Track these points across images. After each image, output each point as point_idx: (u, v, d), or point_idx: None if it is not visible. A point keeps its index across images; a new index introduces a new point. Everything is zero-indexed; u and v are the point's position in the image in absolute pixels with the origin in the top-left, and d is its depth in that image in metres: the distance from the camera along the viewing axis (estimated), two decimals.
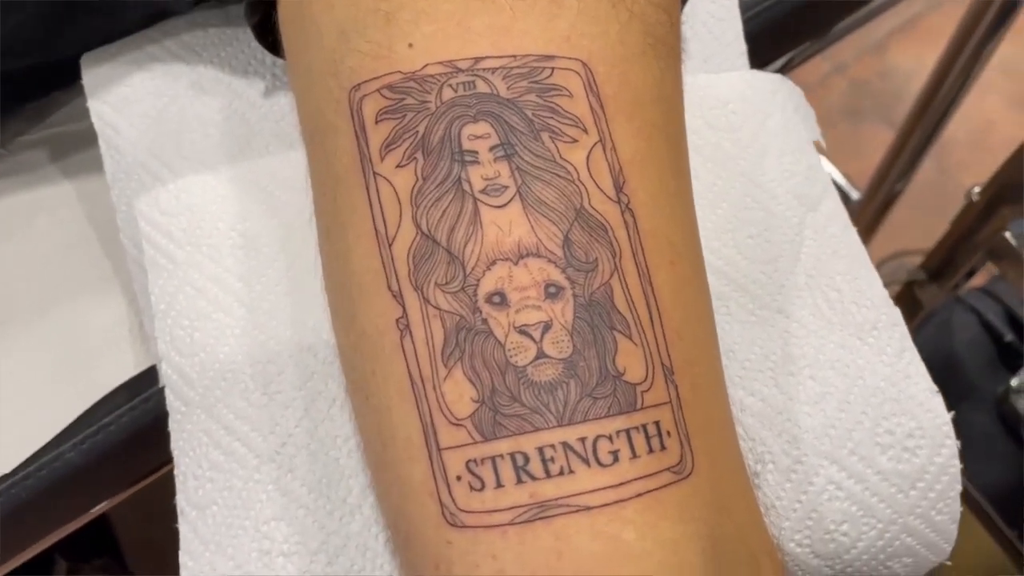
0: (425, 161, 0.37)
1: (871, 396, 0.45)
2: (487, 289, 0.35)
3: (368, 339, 0.37)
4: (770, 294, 0.48)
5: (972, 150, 1.91)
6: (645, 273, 0.36)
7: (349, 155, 0.38)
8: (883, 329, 0.47)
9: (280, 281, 0.47)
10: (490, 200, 0.36)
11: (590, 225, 0.36)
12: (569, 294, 0.35)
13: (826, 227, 0.49)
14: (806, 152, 0.51)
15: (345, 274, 0.38)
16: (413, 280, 0.36)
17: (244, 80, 0.51)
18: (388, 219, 0.37)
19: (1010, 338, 1.07)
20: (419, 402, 0.35)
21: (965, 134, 1.94)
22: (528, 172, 0.36)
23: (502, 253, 0.35)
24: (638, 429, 0.34)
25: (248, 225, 0.48)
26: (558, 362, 0.34)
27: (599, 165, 0.37)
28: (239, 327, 0.47)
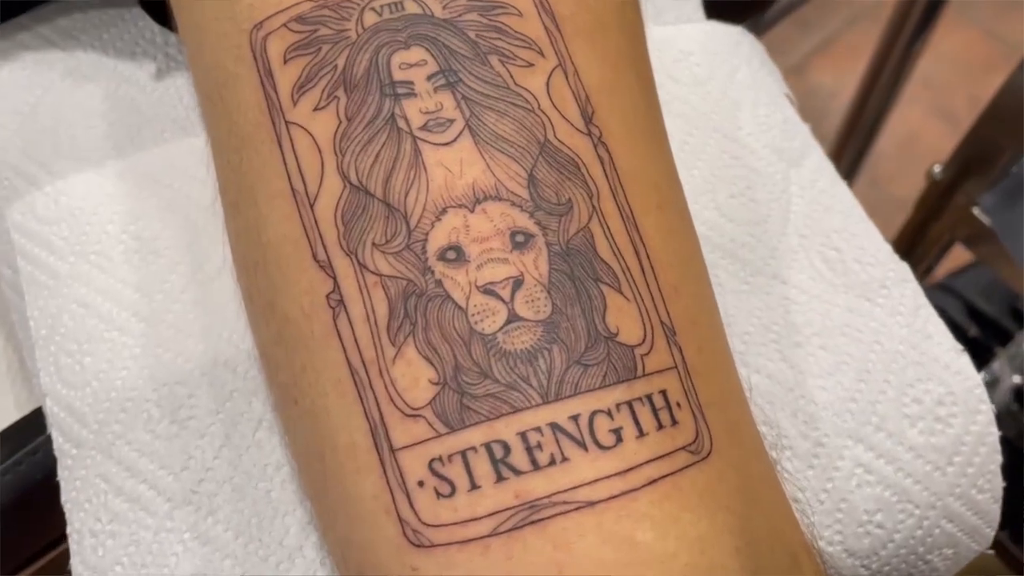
0: (349, 99, 0.30)
1: (891, 362, 0.39)
2: (439, 243, 0.28)
3: (293, 326, 0.30)
4: (762, 259, 0.41)
5: (901, 162, 1.92)
6: (630, 217, 0.30)
7: (255, 108, 0.31)
8: (893, 286, 0.41)
9: (186, 288, 0.39)
10: (433, 137, 0.29)
11: (558, 161, 0.29)
12: (541, 242, 0.28)
13: (814, 182, 0.44)
14: (780, 105, 0.46)
15: (258, 251, 0.31)
16: (344, 244, 0.29)
17: (132, 63, 0.44)
18: (307, 174, 0.29)
19: (974, 332, 1.04)
20: (363, 394, 0.28)
21: (892, 147, 1.95)
22: (477, 102, 0.29)
23: (453, 199, 0.28)
24: (642, 401, 0.27)
25: (143, 226, 0.40)
26: (535, 325, 0.27)
27: (562, 92, 0.30)
28: (138, 346, 0.38)
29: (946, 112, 1.93)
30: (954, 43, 1.85)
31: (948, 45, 1.93)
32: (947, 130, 1.99)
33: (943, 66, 1.90)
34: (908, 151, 1.96)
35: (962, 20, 1.90)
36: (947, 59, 1.85)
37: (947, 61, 1.86)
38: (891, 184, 1.88)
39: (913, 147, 1.97)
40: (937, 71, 1.99)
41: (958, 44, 1.82)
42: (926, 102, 1.99)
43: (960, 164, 0.73)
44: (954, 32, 1.82)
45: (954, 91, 1.86)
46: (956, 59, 1.82)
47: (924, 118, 2.01)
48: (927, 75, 2.02)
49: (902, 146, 1.98)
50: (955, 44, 1.84)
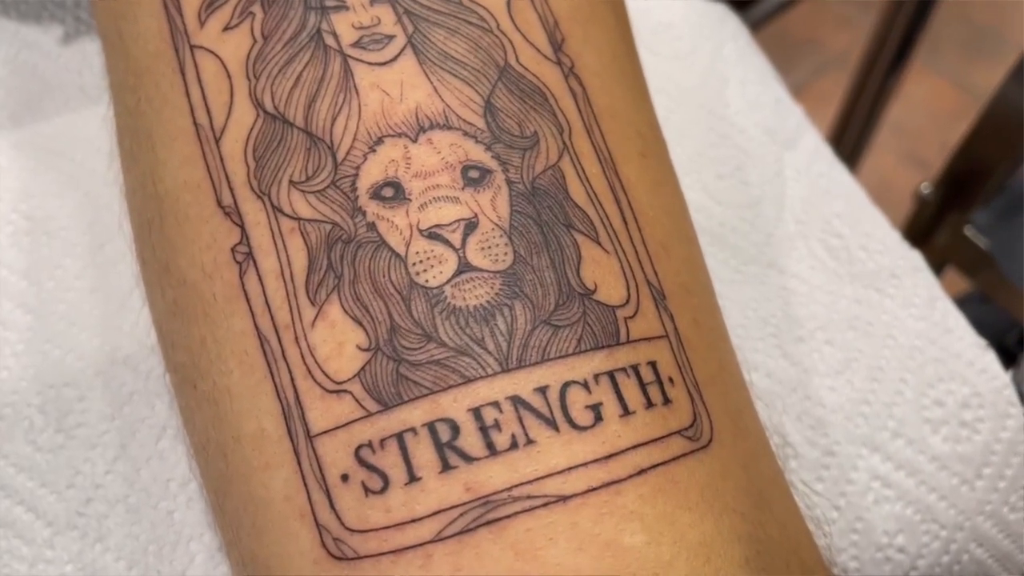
0: (267, 15, 0.24)
1: (907, 358, 0.34)
2: (372, 179, 0.22)
3: (191, 291, 0.24)
4: (756, 246, 0.36)
5: None
6: (609, 161, 0.24)
7: (155, 36, 0.26)
8: (904, 276, 0.36)
9: (83, 274, 0.33)
10: (368, 56, 0.24)
11: (521, 88, 0.24)
12: (500, 179, 0.23)
13: (810, 166, 0.39)
14: (771, 84, 0.41)
15: (154, 205, 0.25)
16: (255, 183, 0.23)
17: (36, 27, 0.38)
18: (213, 106, 0.24)
19: None
20: (274, 369, 0.22)
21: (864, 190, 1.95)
22: (423, 17, 0.24)
23: (392, 126, 0.23)
24: (627, 372, 0.22)
25: (36, 204, 0.34)
26: (493, 276, 0.22)
27: (526, 15, 0.25)
28: (22, 342, 0.32)
29: (917, 159, 1.92)
30: (923, 92, 1.85)
31: (918, 93, 1.94)
32: (919, 177, 1.98)
33: (913, 114, 1.91)
34: (881, 198, 1.95)
35: (930, 69, 1.90)
36: (917, 107, 1.86)
37: (917, 109, 1.86)
38: None
39: (886, 194, 1.95)
40: (908, 119, 2.00)
41: (927, 93, 1.83)
42: (897, 149, 1.99)
43: (950, 181, 0.69)
44: (923, 81, 1.83)
45: (925, 139, 1.86)
46: (926, 107, 1.82)
47: (896, 165, 2.01)
48: (898, 123, 2.03)
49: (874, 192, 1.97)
50: (924, 93, 1.84)
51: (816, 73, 2.15)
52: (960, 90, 1.90)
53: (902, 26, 0.80)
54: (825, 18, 1.76)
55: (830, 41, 1.90)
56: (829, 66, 2.14)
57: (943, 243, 0.71)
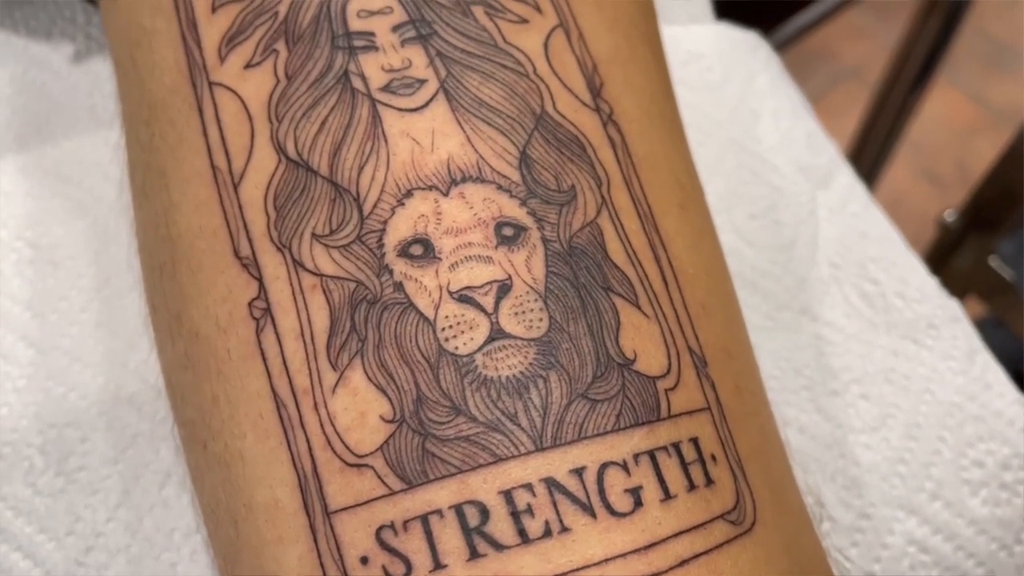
0: (291, 53, 0.23)
1: (946, 415, 0.32)
2: (400, 235, 0.21)
3: (204, 344, 0.22)
4: (788, 291, 0.35)
5: None
6: (648, 214, 0.23)
7: (172, 68, 0.24)
8: (943, 326, 0.34)
9: (88, 307, 0.32)
10: (398, 101, 0.22)
11: (559, 138, 0.23)
12: (536, 237, 0.21)
13: (844, 205, 0.37)
14: (803, 116, 0.40)
15: (166, 248, 0.24)
16: (275, 235, 0.22)
17: (46, 44, 0.37)
18: (232, 147, 0.23)
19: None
20: (290, 436, 0.20)
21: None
22: (456, 60, 0.23)
23: (422, 179, 0.22)
24: (667, 451, 0.20)
25: (42, 232, 0.33)
26: (527, 344, 0.20)
27: (564, 57, 0.24)
28: (24, 377, 0.31)
29: (932, 175, 1.91)
30: (940, 106, 1.83)
31: (934, 108, 1.92)
32: (933, 193, 1.97)
33: (929, 129, 1.89)
34: (894, 214, 1.93)
35: (946, 83, 1.89)
36: (934, 122, 1.84)
37: (933, 124, 1.84)
38: None
39: (900, 209, 1.94)
40: (923, 134, 1.98)
41: (944, 107, 1.81)
42: (912, 165, 1.98)
43: (975, 209, 0.68)
44: (939, 95, 1.81)
45: (941, 154, 1.84)
46: (943, 122, 1.80)
47: (910, 181, 1.99)
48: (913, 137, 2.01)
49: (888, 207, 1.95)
50: (941, 107, 1.83)
51: (830, 85, 2.13)
52: (977, 105, 1.88)
53: (926, 44, 0.79)
54: (839, 29, 1.74)
55: (844, 52, 1.88)
56: (843, 78, 2.12)
57: (964, 269, 0.70)
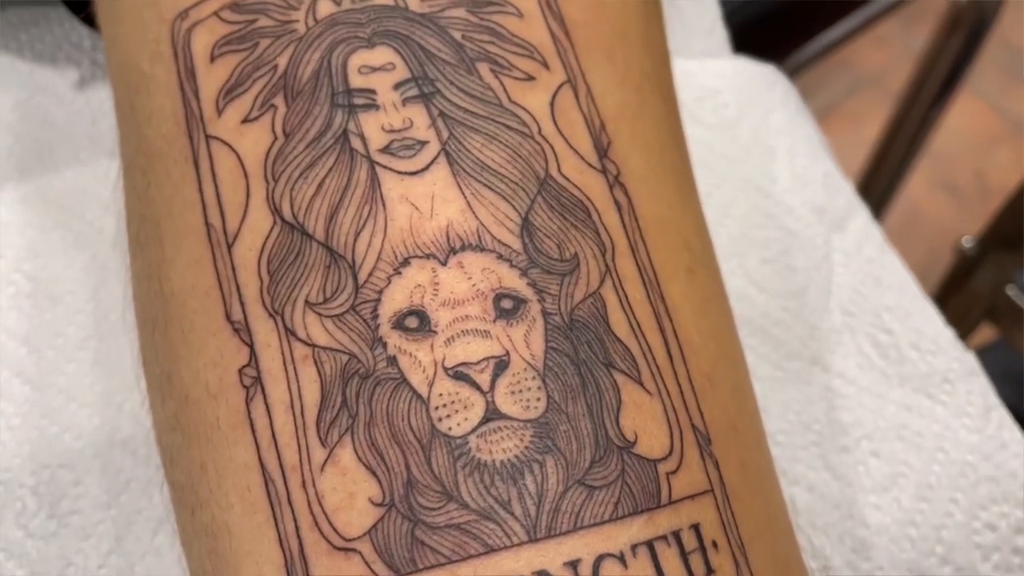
0: (289, 109, 0.22)
1: (959, 476, 0.32)
2: (396, 306, 0.20)
3: (193, 409, 0.22)
4: (800, 339, 0.34)
5: (902, 234, 1.87)
6: (653, 282, 0.22)
7: (169, 118, 0.24)
8: (958, 381, 0.33)
9: (85, 344, 0.31)
10: (397, 163, 0.22)
11: (562, 203, 0.22)
12: (536, 310, 0.21)
13: (860, 249, 0.36)
14: (820, 156, 0.39)
15: (158, 304, 0.23)
16: (268, 300, 0.21)
17: (51, 69, 0.36)
18: (227, 205, 0.22)
19: None
20: (278, 513, 0.20)
21: (895, 219, 1.91)
22: (459, 121, 0.22)
23: (420, 246, 0.21)
24: (667, 540, 0.19)
25: (41, 264, 0.32)
26: (523, 426, 0.20)
27: (570, 115, 0.23)
28: (19, 415, 0.30)
29: (950, 185, 1.88)
30: (960, 116, 1.81)
31: (954, 118, 1.90)
32: (950, 203, 1.95)
33: (948, 139, 1.86)
34: (910, 223, 1.91)
35: (968, 92, 1.86)
36: (953, 132, 1.81)
37: (952, 133, 1.82)
38: None
39: (916, 219, 1.92)
40: (942, 144, 1.96)
41: (965, 116, 1.79)
42: (929, 174, 1.95)
43: (994, 236, 0.66)
44: (960, 104, 1.79)
45: (959, 164, 1.82)
46: (962, 132, 1.78)
47: (928, 191, 1.97)
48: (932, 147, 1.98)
49: (904, 218, 1.94)
50: (961, 117, 1.80)
51: (849, 92, 2.11)
52: (997, 115, 1.86)
53: (949, 58, 0.78)
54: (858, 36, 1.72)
55: (864, 59, 1.86)
56: (863, 84, 2.10)
57: (981, 300, 0.69)
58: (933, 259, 1.54)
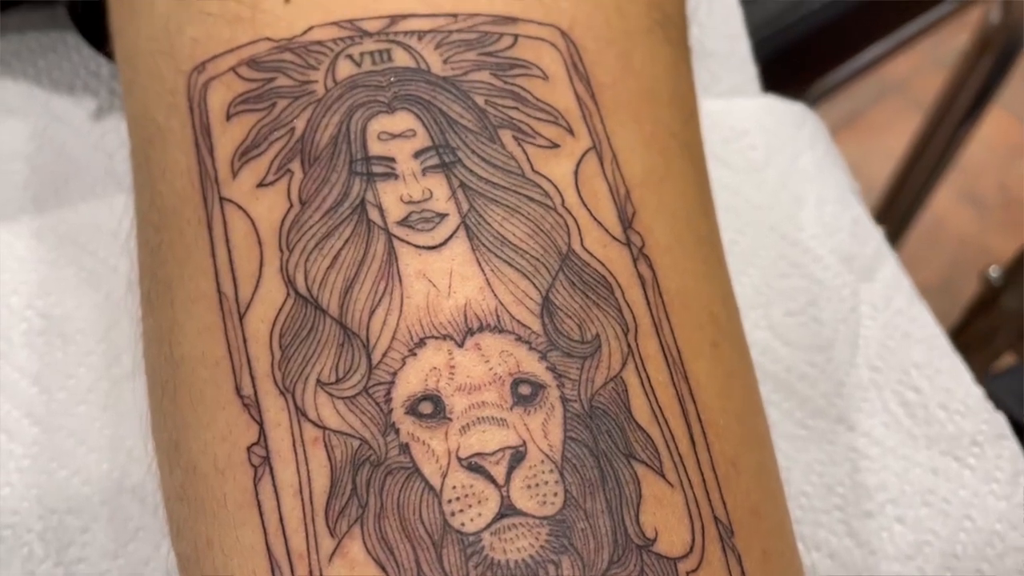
0: (306, 175, 0.22)
1: (986, 545, 0.31)
2: (410, 390, 0.20)
3: (201, 482, 0.21)
4: (825, 396, 0.33)
5: (924, 246, 1.85)
6: (677, 362, 0.22)
7: (183, 175, 0.23)
8: (987, 444, 0.33)
9: (96, 386, 0.31)
10: (416, 237, 0.21)
11: (585, 280, 0.21)
12: (554, 397, 0.20)
13: (888, 301, 0.35)
14: (849, 202, 0.38)
15: (168, 369, 0.23)
16: (279, 376, 0.20)
17: (69, 98, 0.36)
18: (240, 274, 0.21)
19: None
20: None
21: (917, 230, 1.88)
22: (480, 192, 0.22)
23: (437, 326, 0.20)
24: None
25: (54, 302, 0.32)
26: (539, 524, 0.19)
27: (594, 185, 0.23)
28: (28, 456, 0.30)
29: (974, 197, 1.86)
30: (986, 126, 1.78)
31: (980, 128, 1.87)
32: (974, 216, 1.92)
33: (973, 150, 1.83)
34: (933, 235, 1.89)
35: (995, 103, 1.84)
36: (977, 142, 1.79)
37: (977, 144, 1.79)
38: (912, 269, 1.79)
39: (938, 232, 1.89)
40: (967, 154, 1.93)
41: (990, 128, 1.76)
42: (954, 186, 1.93)
43: (1020, 267, 0.65)
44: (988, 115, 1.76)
45: (984, 176, 1.79)
46: (988, 143, 1.75)
47: (951, 202, 1.94)
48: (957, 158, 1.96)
49: (927, 230, 1.91)
50: (987, 128, 1.77)
51: (875, 99, 2.08)
52: (1022, 126, 1.83)
53: (981, 76, 0.77)
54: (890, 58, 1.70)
55: (888, 67, 1.83)
56: (888, 92, 2.07)
57: (1007, 329, 0.67)
58: (955, 271, 1.52)
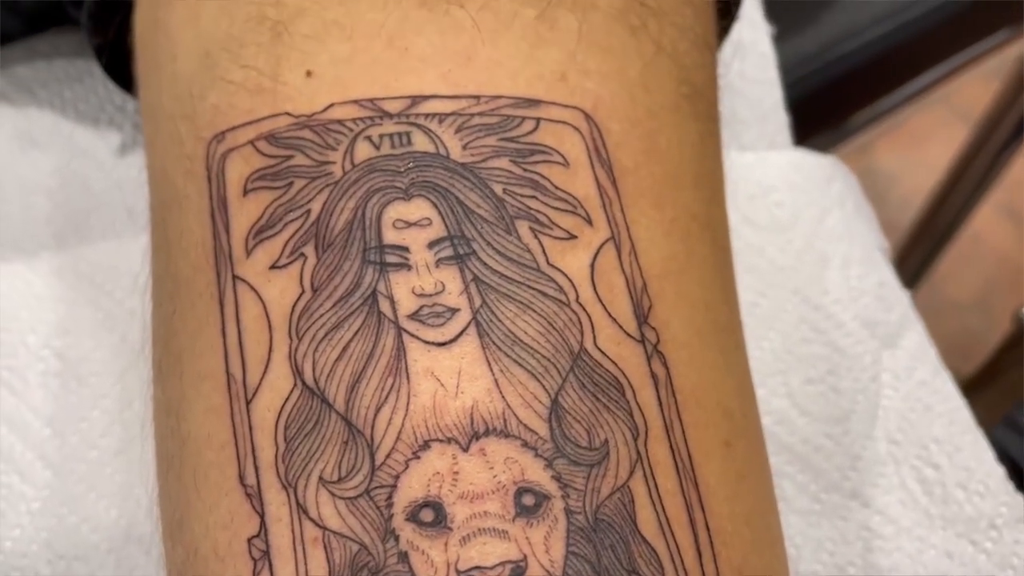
0: (319, 261, 0.22)
1: None
2: (412, 495, 0.20)
3: (202, 565, 0.21)
4: (840, 470, 0.33)
5: (959, 261, 1.82)
6: (687, 467, 0.21)
7: (198, 245, 0.23)
8: (1005, 528, 0.32)
9: (108, 432, 0.31)
10: (426, 332, 0.21)
11: (595, 381, 0.21)
12: (558, 508, 0.20)
13: (911, 371, 0.35)
14: (876, 263, 0.37)
15: (175, 443, 0.23)
16: (282, 469, 0.20)
17: (93, 131, 0.36)
18: (249, 357, 0.21)
19: None
20: None
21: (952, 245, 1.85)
22: (493, 287, 0.21)
23: (442, 428, 0.20)
24: None
25: (71, 343, 0.32)
26: None
27: (611, 279, 0.22)
28: (39, 499, 0.30)
29: (1012, 212, 1.83)
30: None
31: None
32: (1012, 231, 1.89)
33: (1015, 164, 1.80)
34: (969, 250, 1.85)
35: None
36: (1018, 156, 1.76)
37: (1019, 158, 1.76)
38: (946, 283, 1.77)
39: (975, 246, 1.86)
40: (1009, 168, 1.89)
41: None
42: (992, 199, 1.89)
43: None
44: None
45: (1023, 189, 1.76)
46: None
47: (989, 216, 1.91)
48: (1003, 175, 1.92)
49: (964, 244, 1.88)
50: None
51: (917, 109, 2.05)
52: None
53: None
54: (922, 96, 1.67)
55: None
56: (931, 102, 2.03)
57: None
58: (991, 288, 1.50)
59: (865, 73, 0.51)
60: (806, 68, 0.46)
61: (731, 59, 0.40)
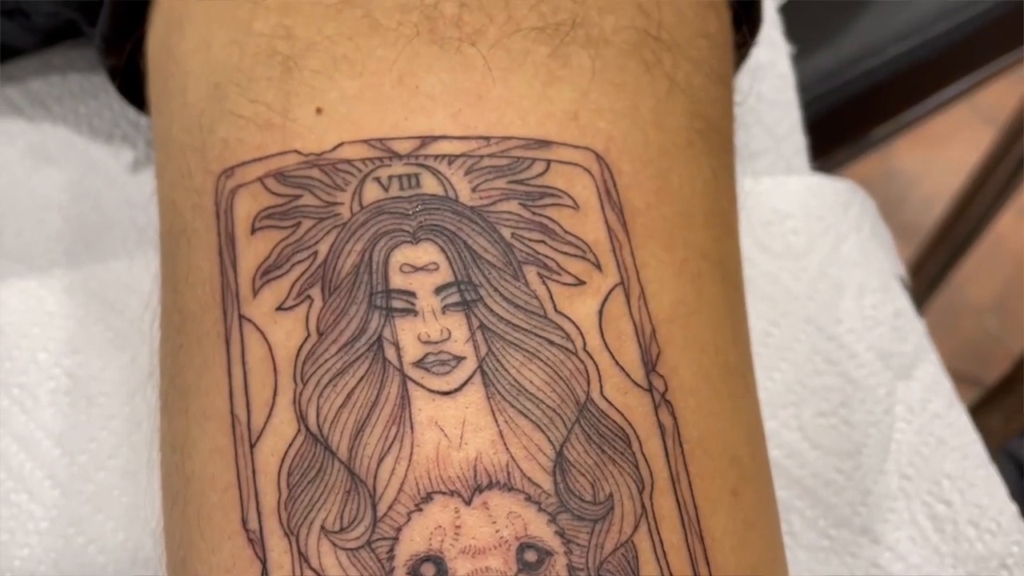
0: (325, 304, 0.21)
1: None
2: (414, 548, 0.19)
3: None
4: (850, 505, 0.32)
5: (980, 263, 1.80)
6: (693, 520, 0.21)
7: (206, 282, 0.23)
8: (1016, 568, 0.31)
9: (117, 452, 0.31)
10: (431, 380, 0.21)
11: (601, 432, 0.21)
12: (561, 565, 0.20)
13: (925, 404, 0.34)
14: (892, 291, 0.36)
15: (180, 481, 0.23)
16: (285, 516, 0.20)
17: (107, 147, 0.36)
18: (254, 400, 0.21)
19: None
20: None
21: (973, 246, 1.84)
22: (499, 335, 0.21)
23: (445, 481, 0.20)
24: None
25: (81, 361, 0.32)
26: None
27: (619, 326, 0.22)
28: (48, 519, 0.31)
29: None
30: None
31: None
32: None
33: None
34: (989, 253, 1.84)
35: None
36: None
37: None
38: (966, 285, 1.75)
39: (995, 249, 1.84)
40: None
41: None
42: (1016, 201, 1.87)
43: None
44: None
45: None
46: None
47: (1011, 218, 1.88)
48: None
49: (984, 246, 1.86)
50: None
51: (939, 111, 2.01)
52: None
53: None
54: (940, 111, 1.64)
55: None
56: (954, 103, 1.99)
57: None
58: (1010, 291, 1.48)
59: (888, 89, 0.50)
60: (827, 85, 0.46)
61: (749, 82, 0.40)
